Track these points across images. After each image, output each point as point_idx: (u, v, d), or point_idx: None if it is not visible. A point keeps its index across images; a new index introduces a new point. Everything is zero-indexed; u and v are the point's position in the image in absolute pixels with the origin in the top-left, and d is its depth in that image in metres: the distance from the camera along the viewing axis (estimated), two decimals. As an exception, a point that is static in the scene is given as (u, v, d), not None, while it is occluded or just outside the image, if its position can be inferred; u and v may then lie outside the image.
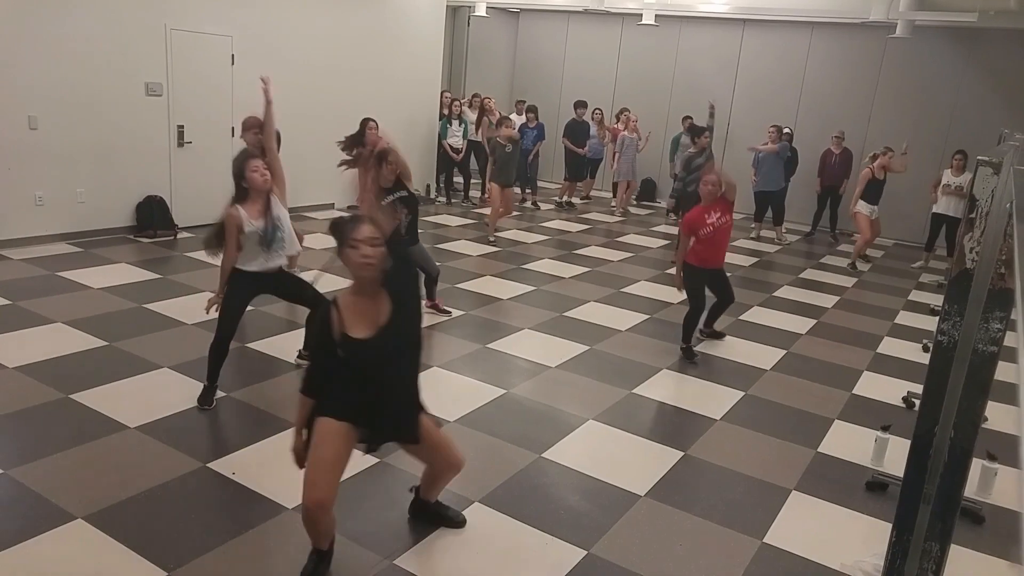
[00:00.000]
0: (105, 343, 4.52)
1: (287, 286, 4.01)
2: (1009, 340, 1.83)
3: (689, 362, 5.10)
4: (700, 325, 5.35)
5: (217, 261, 3.87)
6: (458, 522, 3.01)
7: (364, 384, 2.44)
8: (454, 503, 3.14)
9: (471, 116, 10.26)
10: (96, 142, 6.72)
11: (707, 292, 5.24)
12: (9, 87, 6.09)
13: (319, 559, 2.59)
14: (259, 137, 4.26)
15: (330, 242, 2.47)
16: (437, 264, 5.69)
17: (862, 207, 8.58)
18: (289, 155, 8.15)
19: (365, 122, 6.13)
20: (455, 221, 9.22)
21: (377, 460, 3.43)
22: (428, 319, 5.51)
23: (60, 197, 6.57)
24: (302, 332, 4.98)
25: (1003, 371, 1.82)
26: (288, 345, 4.71)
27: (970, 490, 3.47)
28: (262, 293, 3.98)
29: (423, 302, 4.39)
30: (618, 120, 10.80)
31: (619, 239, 9.07)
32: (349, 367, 2.40)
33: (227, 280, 3.76)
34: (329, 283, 3.99)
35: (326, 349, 2.42)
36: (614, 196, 11.21)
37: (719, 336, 5.65)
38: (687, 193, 7.58)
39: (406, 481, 3.29)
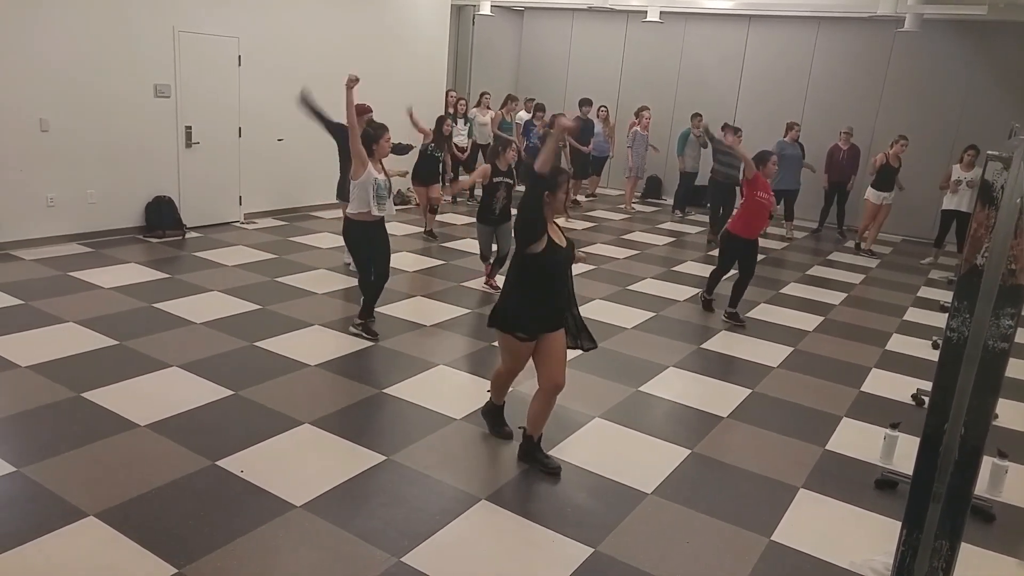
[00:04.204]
0: (116, 342, 4.56)
1: (382, 238, 4.94)
2: (1019, 336, 1.81)
3: (706, 311, 6.11)
4: (727, 306, 5.98)
5: None
6: (552, 468, 3.44)
7: (552, 283, 3.31)
8: (461, 500, 3.15)
9: (482, 118, 10.23)
10: (106, 144, 6.76)
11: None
12: (21, 90, 6.14)
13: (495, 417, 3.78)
14: (366, 120, 5.49)
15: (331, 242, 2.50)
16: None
17: (870, 194, 8.89)
18: (294, 156, 8.25)
19: (442, 119, 7.99)
20: (461, 220, 9.23)
21: (384, 458, 3.45)
22: (430, 317, 5.53)
23: (71, 198, 6.63)
24: (309, 330, 5.00)
25: (1014, 368, 1.81)
26: (296, 344, 4.73)
27: (980, 488, 3.45)
28: (372, 237, 4.85)
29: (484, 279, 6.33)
30: (637, 117, 10.77)
31: (625, 237, 9.06)
32: (547, 267, 3.26)
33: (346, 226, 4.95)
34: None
35: (537, 236, 3.22)
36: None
37: (740, 323, 5.89)
38: (723, 181, 8.77)
39: (412, 479, 3.30)
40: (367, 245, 4.91)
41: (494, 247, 6.21)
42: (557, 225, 3.39)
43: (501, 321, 3.36)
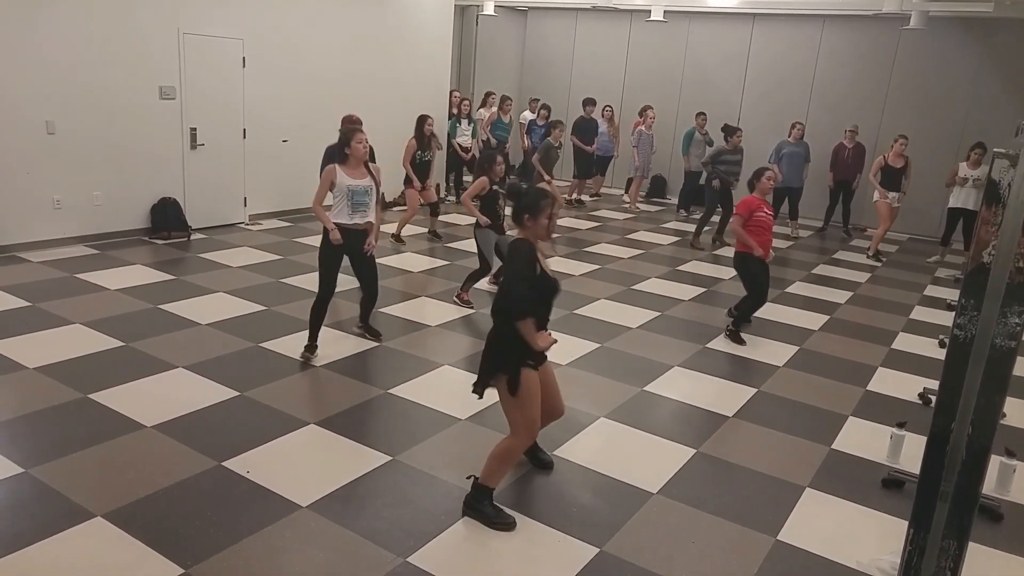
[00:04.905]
0: (122, 343, 4.58)
1: (363, 250, 4.58)
2: (1027, 335, 1.80)
3: (737, 344, 5.43)
4: (732, 307, 5.77)
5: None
6: (545, 463, 3.47)
7: (542, 312, 3.04)
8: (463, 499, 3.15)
9: (487, 116, 10.25)
10: (111, 146, 6.80)
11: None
12: (27, 93, 6.17)
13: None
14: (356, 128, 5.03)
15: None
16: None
17: (885, 195, 8.76)
18: (299, 158, 8.27)
19: (423, 118, 7.42)
20: (465, 220, 9.23)
21: (389, 458, 3.46)
22: (434, 317, 5.53)
23: (77, 200, 6.66)
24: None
25: (1021, 366, 1.79)
26: (301, 344, 4.72)
27: (988, 487, 3.44)
28: (350, 250, 4.53)
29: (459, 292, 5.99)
30: (642, 117, 10.75)
31: (629, 236, 9.04)
32: (539, 292, 2.99)
33: (324, 225, 4.48)
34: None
35: (529, 279, 2.93)
36: (626, 191, 11.48)
37: (747, 321, 5.81)
38: (712, 181, 8.65)
39: (417, 479, 3.31)
40: (336, 254, 4.48)
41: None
42: (545, 254, 3.12)
43: (506, 362, 2.94)
